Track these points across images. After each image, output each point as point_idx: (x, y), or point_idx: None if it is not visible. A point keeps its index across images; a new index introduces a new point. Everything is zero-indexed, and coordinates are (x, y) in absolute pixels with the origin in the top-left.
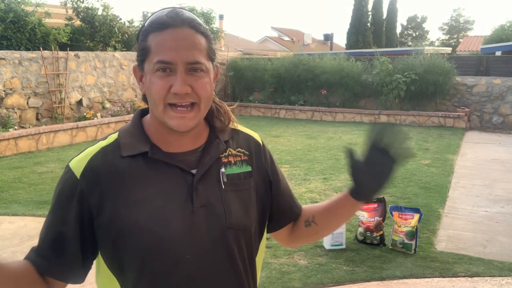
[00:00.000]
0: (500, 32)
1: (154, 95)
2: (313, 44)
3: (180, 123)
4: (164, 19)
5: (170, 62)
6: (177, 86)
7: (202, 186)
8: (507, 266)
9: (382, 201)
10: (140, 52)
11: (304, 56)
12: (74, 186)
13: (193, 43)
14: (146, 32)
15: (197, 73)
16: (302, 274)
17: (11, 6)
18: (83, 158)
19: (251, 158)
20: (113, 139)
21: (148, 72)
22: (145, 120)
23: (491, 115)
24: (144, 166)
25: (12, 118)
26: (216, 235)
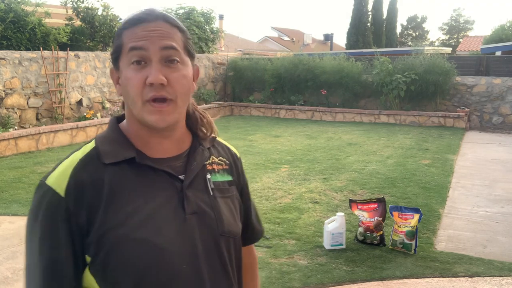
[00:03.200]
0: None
1: (131, 91)
2: (313, 44)
3: (158, 118)
4: (138, 16)
5: (142, 47)
6: (152, 76)
7: (192, 192)
8: (507, 266)
9: (382, 201)
10: (114, 50)
11: (304, 56)
12: (60, 205)
13: (167, 32)
14: (120, 31)
15: (174, 64)
16: (302, 274)
17: (11, 6)
18: (62, 173)
19: (231, 168)
20: (90, 148)
21: (124, 68)
22: (122, 126)
23: (491, 115)
24: (130, 173)
25: (12, 118)
26: (209, 243)
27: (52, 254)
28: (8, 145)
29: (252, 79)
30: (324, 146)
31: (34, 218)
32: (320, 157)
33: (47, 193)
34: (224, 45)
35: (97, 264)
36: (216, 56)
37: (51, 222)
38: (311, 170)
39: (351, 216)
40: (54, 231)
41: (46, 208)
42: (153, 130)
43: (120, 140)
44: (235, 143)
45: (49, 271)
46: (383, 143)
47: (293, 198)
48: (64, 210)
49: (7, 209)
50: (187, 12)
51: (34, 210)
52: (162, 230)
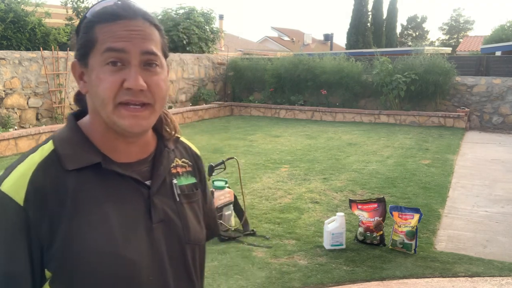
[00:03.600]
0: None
1: (103, 93)
2: (313, 44)
3: (132, 123)
4: (114, 9)
5: (123, 49)
6: (131, 81)
7: (158, 199)
8: (507, 266)
9: (382, 201)
10: (83, 44)
11: (304, 56)
12: (18, 215)
13: (148, 34)
14: (91, 23)
15: (153, 68)
16: (302, 274)
17: (11, 6)
18: (19, 179)
19: (194, 170)
20: (49, 151)
21: (95, 67)
22: (83, 125)
23: (491, 115)
24: (96, 180)
25: (12, 118)
26: (175, 252)
27: (8, 268)
28: (8, 145)
29: (252, 79)
30: (324, 146)
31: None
32: (320, 157)
33: (3, 200)
34: (224, 45)
35: (59, 279)
36: (216, 56)
37: (7, 233)
38: (311, 170)
39: (351, 216)
40: (10, 242)
41: (1, 217)
42: (121, 134)
43: (83, 143)
44: (235, 143)
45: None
46: (383, 143)
47: (293, 198)
48: (23, 220)
49: None
50: (187, 12)
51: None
52: (130, 242)
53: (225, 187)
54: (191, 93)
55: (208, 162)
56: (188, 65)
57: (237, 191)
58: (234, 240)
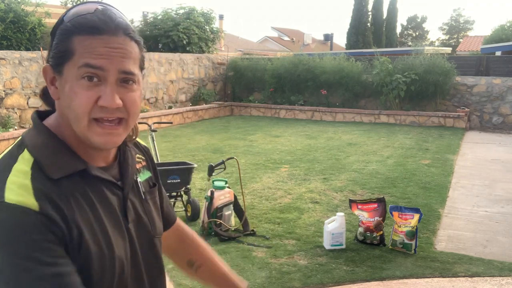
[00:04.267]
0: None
1: (77, 108)
2: (313, 44)
3: (107, 140)
4: (95, 23)
5: (101, 67)
6: (107, 99)
7: (130, 200)
8: (507, 266)
9: (382, 201)
10: (59, 53)
11: (304, 56)
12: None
13: (128, 52)
14: (69, 32)
15: (129, 85)
16: (302, 274)
17: (11, 6)
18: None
19: (148, 163)
20: (30, 161)
21: (70, 79)
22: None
23: (491, 115)
24: (83, 185)
25: (12, 118)
26: (146, 247)
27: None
28: (8, 145)
29: (252, 79)
30: (324, 146)
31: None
32: (320, 157)
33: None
34: (224, 45)
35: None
36: (216, 56)
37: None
38: (311, 170)
39: (351, 216)
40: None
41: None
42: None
43: (63, 150)
44: (235, 143)
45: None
46: (383, 143)
47: (293, 198)
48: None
49: None
50: (187, 12)
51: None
52: (118, 241)
53: (225, 187)
54: (191, 93)
55: (208, 162)
56: (188, 65)
57: (237, 191)
58: (234, 240)
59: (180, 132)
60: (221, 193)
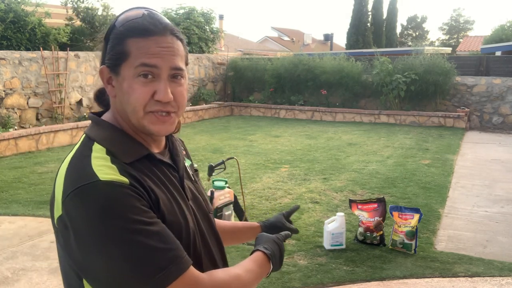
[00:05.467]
0: (500, 32)
1: (135, 102)
2: (313, 44)
3: (161, 128)
4: (146, 26)
5: (156, 65)
6: (161, 94)
7: (185, 181)
8: (507, 266)
9: (382, 201)
10: (115, 55)
11: (304, 56)
12: (134, 192)
13: (177, 50)
14: (123, 36)
15: (178, 79)
16: (302, 274)
17: (11, 6)
18: (108, 169)
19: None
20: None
21: (127, 77)
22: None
23: (491, 115)
24: (151, 167)
25: (12, 118)
26: (205, 222)
27: (157, 228)
28: (8, 145)
29: (252, 79)
30: (324, 146)
31: (116, 215)
32: (320, 157)
33: (114, 187)
34: (224, 45)
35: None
36: (216, 56)
37: (136, 206)
38: (311, 170)
39: (351, 216)
40: (143, 210)
41: (123, 198)
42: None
43: (127, 139)
44: (235, 143)
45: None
46: (383, 143)
47: (293, 198)
48: (138, 194)
49: (7, 209)
50: (187, 12)
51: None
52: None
53: (225, 187)
54: (191, 93)
55: (208, 162)
56: (188, 65)
57: (237, 191)
58: None
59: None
60: (221, 193)
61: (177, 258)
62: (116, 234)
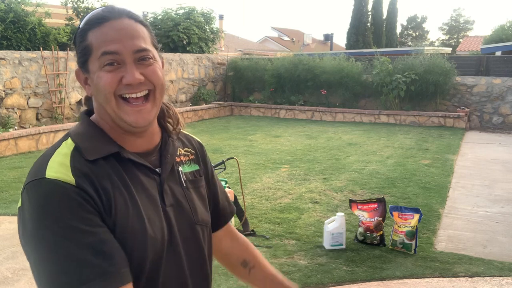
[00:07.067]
0: (500, 32)
1: (103, 89)
2: (313, 44)
3: (138, 118)
4: (101, 14)
5: (116, 51)
6: (129, 77)
7: (168, 185)
8: (507, 266)
9: (382, 201)
10: (81, 52)
11: (304, 56)
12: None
13: (136, 32)
14: (83, 31)
15: (146, 61)
16: (302, 274)
17: (11, 6)
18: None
19: (197, 157)
20: (72, 145)
21: (95, 70)
22: (94, 121)
23: (491, 115)
24: (118, 167)
25: (12, 118)
26: (186, 232)
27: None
28: (8, 145)
29: (252, 79)
30: (324, 146)
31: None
32: (320, 157)
33: (56, 186)
34: (224, 45)
35: None
36: (216, 56)
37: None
38: (311, 170)
39: (351, 216)
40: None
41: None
42: (127, 129)
43: (99, 135)
44: (235, 143)
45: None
46: (383, 143)
47: (293, 198)
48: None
49: (7, 209)
50: (187, 12)
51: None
52: (153, 222)
53: (225, 187)
54: (191, 93)
55: None
56: (188, 65)
57: (237, 191)
58: None
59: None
60: None
61: (106, 274)
62: (46, 235)
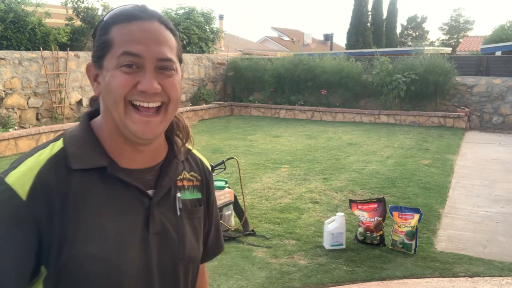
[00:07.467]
0: (500, 32)
1: (115, 91)
2: (313, 44)
3: (145, 129)
4: (131, 11)
5: (139, 54)
6: (145, 84)
7: (158, 211)
8: (507, 266)
9: (382, 201)
10: (99, 46)
11: (304, 56)
12: (18, 210)
13: (164, 39)
14: (107, 25)
15: (167, 71)
16: (302, 274)
17: (11, 6)
18: (25, 173)
19: (202, 185)
20: (58, 148)
21: (110, 68)
22: (95, 125)
23: (491, 115)
24: (99, 184)
25: (12, 118)
26: (167, 266)
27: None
28: (8, 145)
29: (252, 79)
30: (324, 146)
31: None
32: (320, 157)
33: (5, 192)
34: (224, 45)
35: (54, 278)
36: (216, 56)
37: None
38: (311, 170)
39: (351, 216)
40: (4, 237)
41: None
42: (130, 140)
43: (92, 144)
44: (235, 143)
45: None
46: (383, 143)
47: (293, 198)
48: (23, 214)
49: None
50: (187, 12)
51: None
52: (124, 250)
53: (225, 187)
54: (191, 93)
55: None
56: (188, 65)
57: (237, 191)
58: (234, 240)
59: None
60: (221, 193)
61: None
62: None
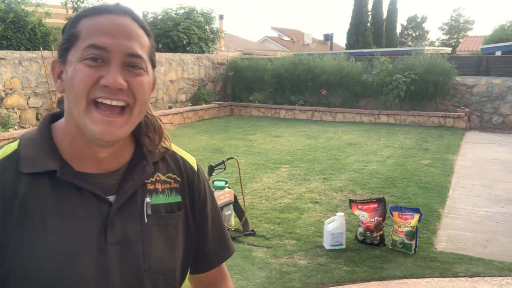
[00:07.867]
0: (500, 32)
1: (77, 86)
2: (313, 44)
3: (105, 130)
4: (103, 6)
5: (105, 48)
6: (109, 78)
7: (120, 218)
8: (507, 266)
9: (382, 201)
10: (66, 39)
11: (304, 56)
12: None
13: (135, 34)
14: (77, 18)
15: (136, 70)
16: (302, 274)
17: (11, 6)
18: None
19: (183, 186)
20: (12, 150)
21: (73, 62)
22: (56, 127)
23: (491, 115)
24: (49, 189)
25: (12, 118)
26: (130, 279)
27: None
28: None
29: (252, 79)
30: (324, 146)
31: None
32: (320, 157)
33: None
34: (224, 45)
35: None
36: (216, 56)
37: None
38: (311, 170)
39: (351, 216)
40: None
41: None
42: (91, 140)
43: (46, 146)
44: (235, 143)
45: None
46: (383, 143)
47: (293, 198)
48: None
49: None
50: (187, 12)
51: None
52: (75, 261)
53: (225, 187)
54: (191, 93)
55: (208, 162)
56: (188, 65)
57: (237, 191)
58: (234, 240)
59: (180, 132)
60: (221, 193)
61: None
62: None
